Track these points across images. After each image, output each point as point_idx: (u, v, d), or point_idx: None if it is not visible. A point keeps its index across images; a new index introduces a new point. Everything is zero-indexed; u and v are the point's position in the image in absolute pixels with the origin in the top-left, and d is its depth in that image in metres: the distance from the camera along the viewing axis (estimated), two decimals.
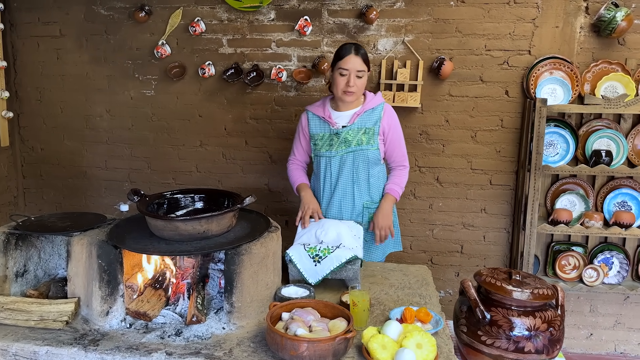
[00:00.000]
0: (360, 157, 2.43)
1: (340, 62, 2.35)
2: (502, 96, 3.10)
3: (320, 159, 2.50)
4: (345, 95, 2.37)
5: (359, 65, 2.33)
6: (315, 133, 2.50)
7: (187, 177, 3.51)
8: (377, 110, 2.44)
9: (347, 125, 2.43)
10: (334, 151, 2.44)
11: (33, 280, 2.09)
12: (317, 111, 2.50)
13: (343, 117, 2.46)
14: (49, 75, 3.51)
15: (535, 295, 1.65)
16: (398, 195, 2.50)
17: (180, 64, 3.31)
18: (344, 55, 2.35)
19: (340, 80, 2.36)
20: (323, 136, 2.47)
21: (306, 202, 2.45)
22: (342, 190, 2.48)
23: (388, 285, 2.21)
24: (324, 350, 1.53)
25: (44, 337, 1.73)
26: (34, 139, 3.64)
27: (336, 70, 2.37)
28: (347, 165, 2.45)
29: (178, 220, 1.84)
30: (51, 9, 3.40)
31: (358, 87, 2.36)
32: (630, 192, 3.00)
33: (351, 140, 2.42)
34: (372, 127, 2.43)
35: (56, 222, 2.09)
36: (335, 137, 2.43)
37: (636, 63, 2.95)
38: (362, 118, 2.43)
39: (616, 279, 3.05)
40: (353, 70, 2.33)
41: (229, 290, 1.82)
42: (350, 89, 2.34)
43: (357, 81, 2.35)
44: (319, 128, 2.49)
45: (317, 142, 2.49)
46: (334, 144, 2.44)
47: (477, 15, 3.02)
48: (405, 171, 2.55)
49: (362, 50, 2.37)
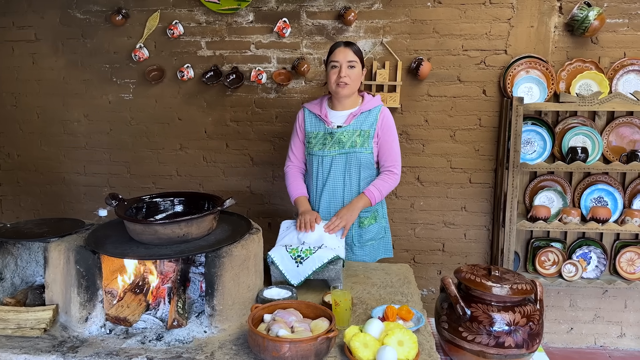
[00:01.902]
0: (353, 159, 2.39)
1: (331, 56, 2.35)
2: (480, 95, 3.14)
3: (313, 158, 2.45)
4: (338, 87, 2.32)
5: (349, 55, 2.31)
6: (310, 131, 2.45)
7: (168, 181, 3.48)
8: (373, 112, 2.40)
9: (343, 125, 2.39)
10: (327, 151, 2.40)
11: (10, 288, 2.06)
12: (314, 109, 2.46)
13: (339, 116, 2.42)
14: (25, 80, 3.45)
15: (515, 291, 1.67)
16: (374, 199, 2.39)
17: (158, 67, 3.29)
18: (334, 49, 2.36)
19: (332, 73, 2.33)
20: (317, 135, 2.43)
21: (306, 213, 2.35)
22: (331, 191, 2.44)
23: (370, 284, 2.22)
24: (306, 351, 1.53)
25: (21, 346, 1.70)
26: (10, 145, 3.58)
27: (328, 65, 2.36)
28: (339, 167, 2.41)
29: (157, 224, 1.83)
30: (26, 13, 3.35)
31: (351, 78, 2.32)
32: (606, 187, 3.06)
33: (345, 142, 2.38)
34: (367, 130, 2.38)
35: (33, 228, 2.06)
36: (329, 137, 2.40)
37: (609, 61, 3.01)
38: (359, 119, 2.39)
39: (594, 274, 3.11)
40: (344, 61, 2.30)
41: (210, 293, 1.81)
42: (343, 79, 2.30)
43: (350, 72, 2.31)
44: (314, 126, 2.45)
45: (311, 140, 2.45)
46: (327, 144, 2.40)
47: (453, 16, 3.06)
48: (391, 177, 2.44)
49: (354, 46, 2.36)
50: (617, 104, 2.84)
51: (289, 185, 2.53)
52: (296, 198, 2.47)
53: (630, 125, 3.03)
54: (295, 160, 2.55)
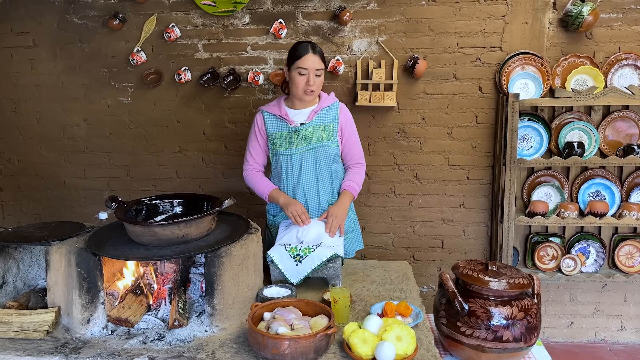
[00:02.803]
0: (321, 154, 2.40)
1: (298, 62, 2.30)
2: (476, 93, 3.15)
3: (280, 158, 2.43)
4: (305, 94, 2.34)
5: (317, 63, 2.31)
6: (272, 132, 2.43)
7: (167, 183, 3.50)
8: (333, 108, 2.44)
9: (306, 122, 2.40)
10: (294, 149, 2.39)
11: (12, 292, 2.08)
12: (273, 110, 2.44)
13: (300, 114, 2.42)
14: (24, 86, 3.47)
15: (512, 285, 1.69)
16: (356, 193, 2.46)
17: (156, 71, 3.31)
18: (301, 54, 2.31)
19: (299, 79, 2.31)
20: (281, 135, 2.41)
21: (290, 206, 2.35)
22: (305, 188, 2.43)
23: (369, 281, 2.23)
24: (305, 347, 1.55)
25: (24, 348, 1.72)
26: (11, 150, 3.60)
27: (294, 70, 2.32)
28: (309, 163, 2.41)
29: (156, 225, 1.85)
30: (23, 19, 3.37)
31: (317, 85, 2.34)
32: (603, 181, 3.07)
33: (311, 137, 2.39)
34: (330, 124, 2.41)
35: (34, 232, 2.08)
36: (295, 135, 2.39)
37: (604, 56, 3.02)
38: (320, 115, 2.41)
39: (593, 268, 3.12)
40: (312, 69, 2.30)
41: (210, 292, 1.82)
42: (311, 88, 2.31)
43: (316, 80, 2.32)
44: (276, 127, 2.43)
45: (276, 142, 2.43)
46: (294, 142, 2.39)
47: (448, 14, 3.07)
48: (362, 169, 2.52)
49: (319, 49, 2.35)
50: (612, 99, 2.86)
51: (255, 184, 2.50)
52: (270, 192, 2.45)
53: (626, 119, 3.04)
54: (254, 163, 2.52)
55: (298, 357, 1.55)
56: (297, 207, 2.33)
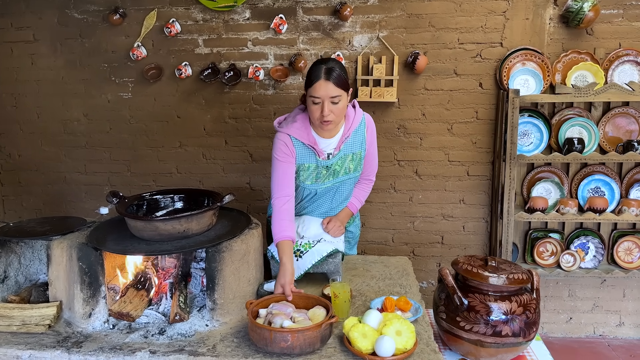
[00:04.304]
0: (346, 184, 2.25)
1: (310, 90, 1.98)
2: (476, 88, 3.15)
3: (304, 190, 2.23)
4: (323, 124, 2.02)
5: (331, 90, 1.94)
6: (300, 163, 2.13)
7: (168, 179, 3.50)
8: (361, 128, 2.17)
9: (334, 153, 2.13)
10: (321, 183, 2.18)
11: (14, 286, 2.08)
12: (301, 137, 2.09)
13: (329, 143, 2.13)
14: (24, 81, 3.47)
15: (511, 280, 1.70)
16: (356, 210, 2.35)
17: (156, 66, 3.31)
18: (313, 81, 1.96)
19: (313, 109, 1.99)
20: (309, 167, 2.14)
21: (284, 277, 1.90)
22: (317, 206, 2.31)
23: (369, 276, 2.24)
24: (312, 338, 1.58)
25: (26, 342, 1.73)
26: (11, 145, 3.60)
27: (308, 98, 2.01)
28: (331, 193, 2.26)
29: (158, 220, 1.85)
30: (24, 14, 3.36)
31: (336, 114, 2.00)
32: (603, 178, 3.08)
33: (339, 170, 2.17)
34: (359, 152, 2.18)
35: (35, 227, 2.08)
36: (324, 170, 2.15)
37: (604, 52, 3.02)
38: (349, 143, 2.15)
39: (592, 264, 3.13)
40: (326, 98, 1.95)
41: (210, 287, 1.83)
42: (327, 118, 1.98)
43: (334, 108, 1.98)
44: (304, 158, 2.13)
45: (300, 173, 2.15)
46: (321, 177, 2.16)
47: (449, 10, 3.07)
48: (371, 185, 2.38)
49: (335, 73, 1.95)
50: (612, 95, 2.86)
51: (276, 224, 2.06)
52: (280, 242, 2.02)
53: (626, 115, 3.04)
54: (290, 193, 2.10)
55: (306, 347, 1.58)
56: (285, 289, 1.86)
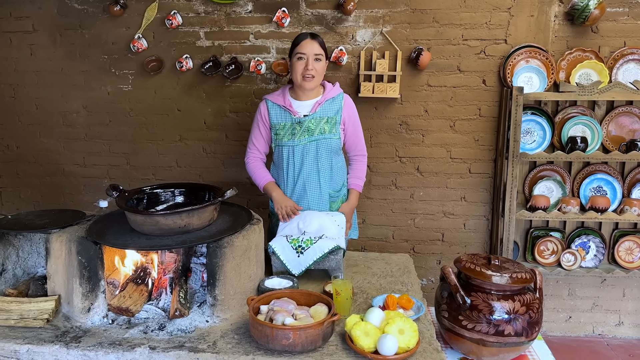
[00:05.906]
0: (323, 146, 2.41)
1: (297, 48, 2.34)
2: (480, 85, 3.13)
3: (282, 149, 2.45)
4: (304, 80, 2.33)
5: (316, 48, 2.32)
6: (276, 122, 2.44)
7: (168, 172, 3.48)
8: (337, 100, 2.44)
9: (309, 114, 2.40)
10: (297, 140, 2.40)
11: (12, 280, 2.07)
12: (277, 100, 2.44)
13: (304, 106, 2.43)
14: (23, 72, 3.44)
15: (514, 280, 1.69)
16: (361, 189, 2.56)
17: (157, 58, 3.27)
18: (300, 40, 2.35)
19: (298, 65, 2.32)
20: (284, 125, 2.42)
21: (280, 202, 2.41)
22: (306, 180, 2.44)
23: (371, 274, 2.23)
24: (314, 336, 1.56)
25: (24, 336, 1.71)
26: (9, 136, 3.57)
27: (294, 57, 2.35)
28: (311, 155, 2.41)
29: (158, 215, 1.84)
30: (23, 4, 3.32)
31: (317, 71, 2.33)
32: (605, 177, 3.07)
33: (314, 129, 2.39)
34: (334, 116, 2.41)
35: (34, 219, 2.06)
36: (298, 126, 2.40)
37: (609, 50, 3.00)
38: (324, 107, 2.41)
39: (593, 263, 3.12)
40: (311, 54, 2.31)
41: (211, 283, 1.82)
42: (309, 72, 2.31)
43: (316, 65, 2.32)
44: (280, 117, 2.44)
45: (279, 132, 2.44)
46: (297, 133, 2.40)
47: (453, 5, 3.04)
48: (364, 160, 2.57)
49: (319, 38, 2.36)
50: (616, 94, 2.84)
51: (254, 174, 2.53)
52: (265, 184, 2.49)
53: (630, 114, 3.03)
54: (256, 152, 2.54)
55: (308, 345, 1.57)
56: (287, 206, 2.38)
